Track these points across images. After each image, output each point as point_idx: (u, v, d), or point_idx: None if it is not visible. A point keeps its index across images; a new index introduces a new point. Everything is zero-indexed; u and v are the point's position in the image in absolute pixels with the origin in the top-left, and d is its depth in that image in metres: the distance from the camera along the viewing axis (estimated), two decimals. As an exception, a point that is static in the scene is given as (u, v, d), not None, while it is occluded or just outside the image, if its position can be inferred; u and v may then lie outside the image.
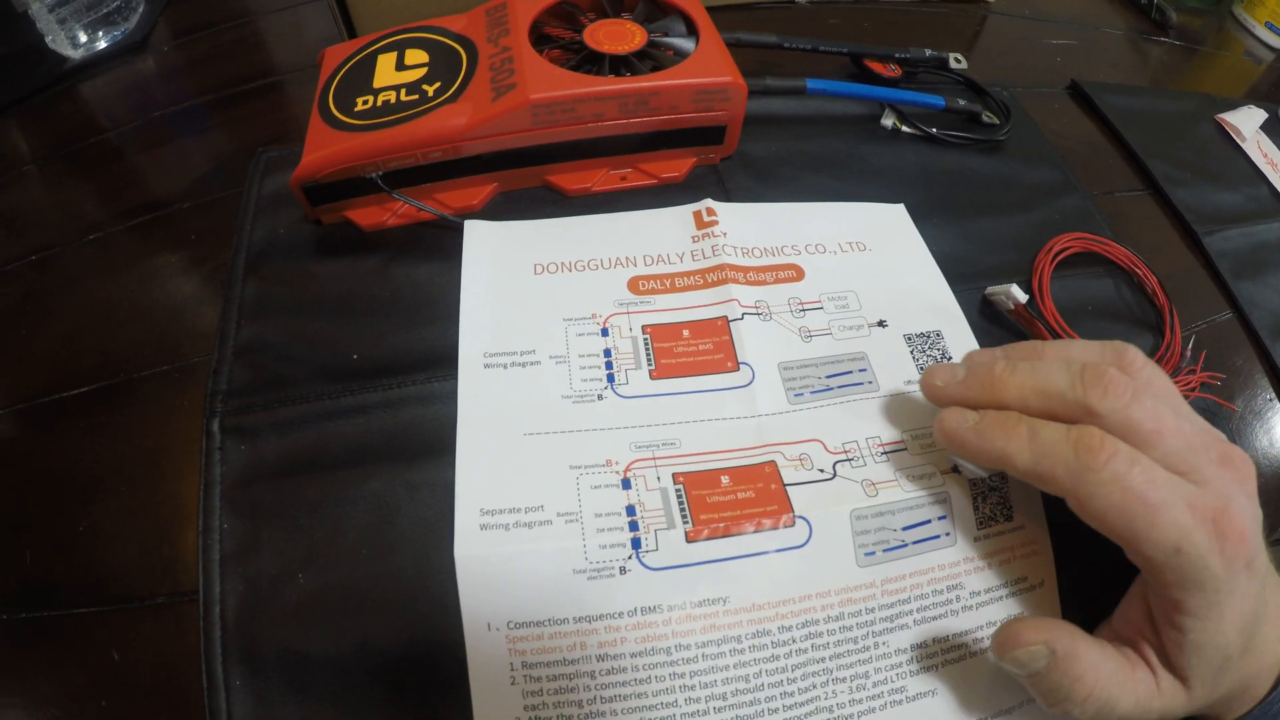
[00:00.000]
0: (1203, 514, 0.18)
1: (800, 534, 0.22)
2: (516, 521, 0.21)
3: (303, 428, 0.24)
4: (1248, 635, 0.19)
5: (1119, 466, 0.19)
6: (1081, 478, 0.19)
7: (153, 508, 0.25)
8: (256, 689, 0.21)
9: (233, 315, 0.27)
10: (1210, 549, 0.18)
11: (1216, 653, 0.19)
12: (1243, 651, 0.19)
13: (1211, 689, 0.19)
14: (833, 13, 0.43)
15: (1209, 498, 0.18)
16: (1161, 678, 0.19)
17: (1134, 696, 0.19)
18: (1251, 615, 0.19)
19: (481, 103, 0.26)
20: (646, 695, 0.20)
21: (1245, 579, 0.18)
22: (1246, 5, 0.52)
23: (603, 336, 0.26)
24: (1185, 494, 0.18)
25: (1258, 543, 0.19)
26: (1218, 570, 0.18)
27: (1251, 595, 0.19)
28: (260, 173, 0.32)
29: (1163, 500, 0.18)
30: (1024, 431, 0.20)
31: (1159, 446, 0.19)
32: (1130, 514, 0.18)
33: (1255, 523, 0.19)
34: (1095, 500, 0.19)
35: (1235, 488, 0.19)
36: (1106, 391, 0.20)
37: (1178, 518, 0.18)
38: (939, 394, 0.22)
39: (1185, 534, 0.18)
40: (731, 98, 0.28)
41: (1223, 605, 0.18)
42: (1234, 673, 0.19)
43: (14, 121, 0.40)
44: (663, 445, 0.23)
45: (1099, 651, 0.19)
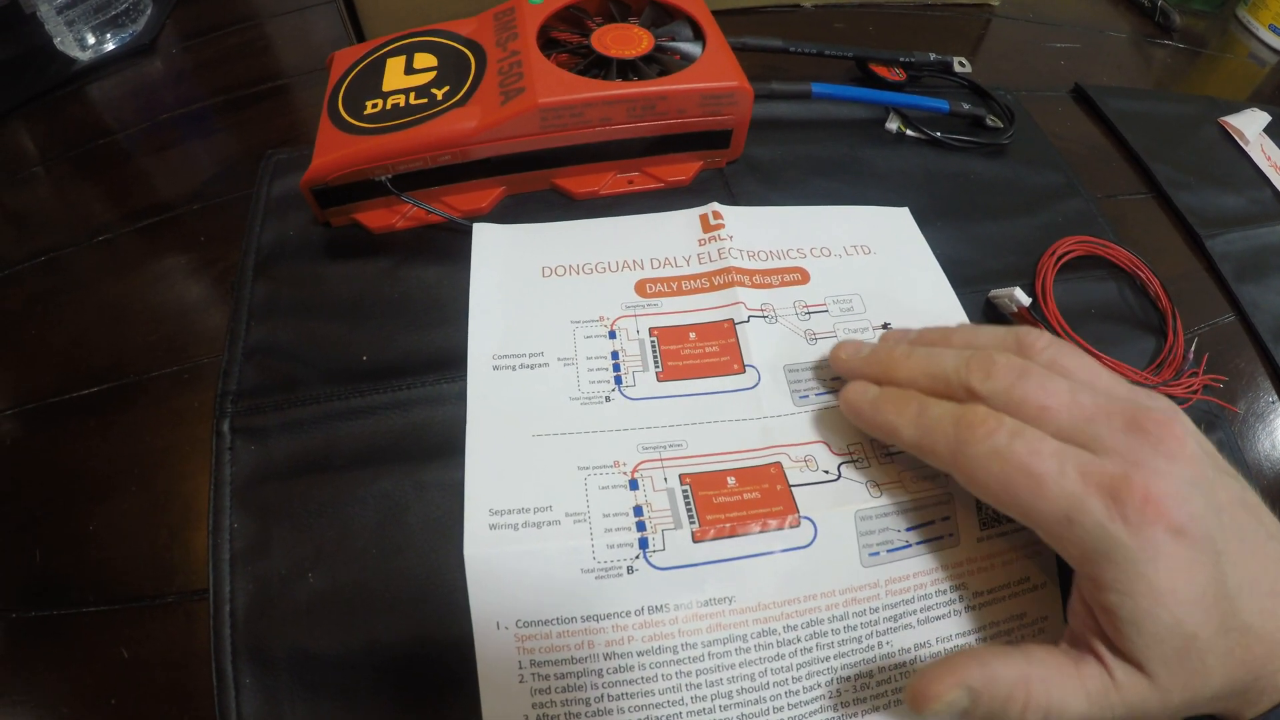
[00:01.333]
0: (1097, 481, 0.18)
1: (806, 534, 0.22)
2: (525, 521, 0.21)
3: (313, 428, 0.25)
4: (1216, 612, 0.18)
5: (999, 440, 0.19)
6: (961, 451, 0.19)
7: (162, 507, 0.25)
8: (266, 687, 0.21)
9: (243, 316, 0.28)
10: (1107, 516, 0.17)
11: (1168, 631, 0.17)
12: (1220, 630, 0.18)
13: (1188, 677, 0.18)
14: (837, 16, 0.43)
15: (1107, 465, 0.18)
16: (1115, 669, 0.18)
17: (1083, 694, 0.18)
18: (1209, 588, 0.17)
19: (490, 106, 0.27)
20: (653, 694, 0.20)
21: (1172, 546, 0.17)
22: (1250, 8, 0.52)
23: (610, 339, 0.26)
24: (1078, 462, 0.18)
25: (1188, 509, 0.17)
26: (1121, 538, 0.17)
27: (1197, 564, 0.17)
28: (269, 175, 0.32)
29: (1047, 470, 0.18)
30: (914, 407, 0.21)
31: (1051, 422, 0.19)
32: (1014, 485, 0.18)
33: (1180, 487, 0.18)
34: (977, 474, 0.19)
35: (1146, 451, 0.18)
36: (989, 374, 0.20)
37: (1066, 486, 0.18)
38: (842, 366, 0.24)
39: (1075, 502, 0.18)
40: (738, 102, 0.28)
41: (1148, 576, 0.17)
42: (1217, 656, 0.18)
43: (22, 123, 0.40)
44: (670, 446, 0.23)
45: (1026, 663, 0.19)
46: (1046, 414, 0.19)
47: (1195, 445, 0.19)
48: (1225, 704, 0.19)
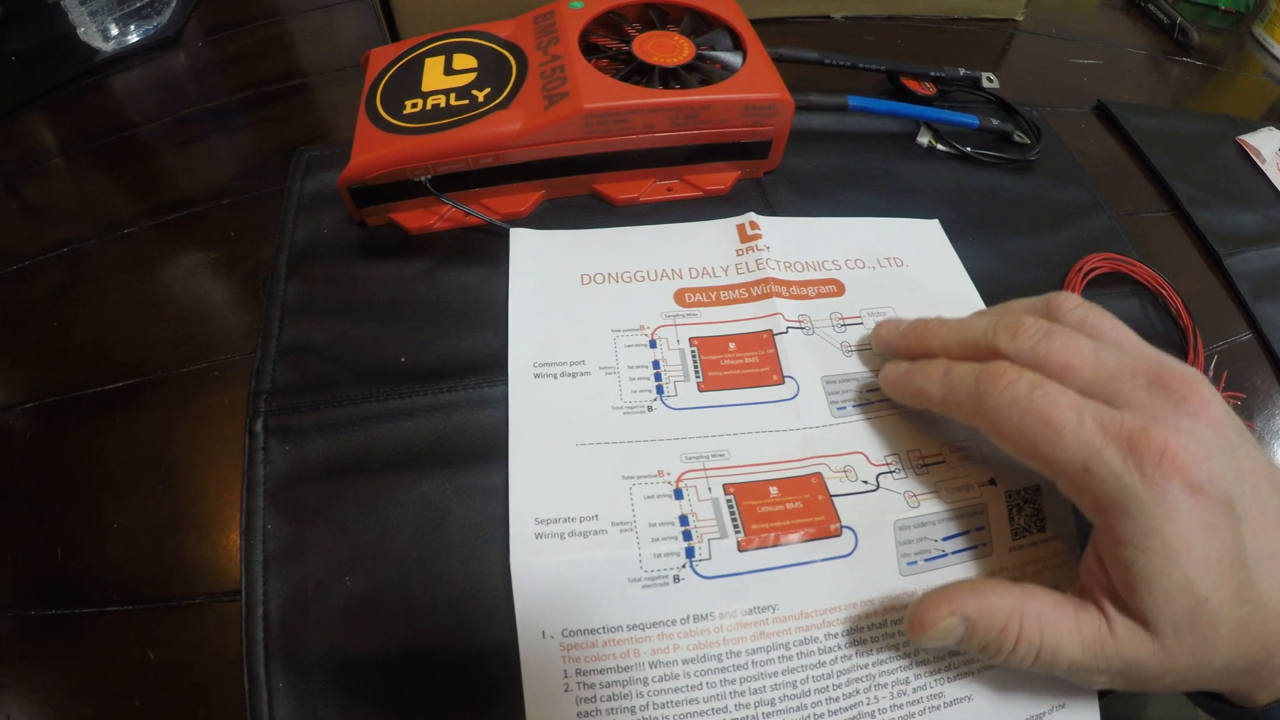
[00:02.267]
0: (1115, 432, 0.18)
1: (847, 543, 0.22)
2: (571, 530, 0.21)
3: (349, 430, 0.24)
4: (1232, 579, 0.17)
5: (1019, 390, 0.19)
6: (983, 403, 0.20)
7: (190, 506, 0.25)
8: (301, 691, 0.21)
9: (275, 314, 0.27)
10: (1124, 467, 0.17)
11: (1178, 591, 0.17)
12: (1234, 600, 0.17)
13: (1196, 643, 0.17)
14: (867, 29, 0.44)
15: (1127, 418, 0.18)
16: (1115, 620, 0.18)
17: (1078, 638, 0.18)
18: (1226, 552, 0.17)
19: (534, 110, 0.27)
20: (698, 701, 0.20)
21: (1189, 504, 0.17)
22: (1266, 25, 0.53)
23: (651, 348, 0.26)
24: (1096, 414, 0.18)
25: (1207, 468, 0.17)
26: (1137, 489, 0.17)
27: (1214, 526, 0.17)
28: (302, 172, 0.32)
29: (1065, 420, 0.18)
30: (940, 369, 0.22)
31: (1074, 379, 0.19)
32: (1032, 434, 0.19)
33: (1200, 445, 0.18)
34: (999, 424, 0.20)
35: (1168, 409, 0.18)
36: (1015, 334, 0.21)
37: (1084, 435, 0.18)
38: (882, 342, 0.26)
39: (1093, 451, 0.18)
40: (779, 113, 0.28)
41: (1163, 532, 0.17)
42: (1229, 627, 0.17)
43: (44, 114, 0.40)
44: (713, 456, 0.23)
45: (1023, 597, 0.19)
46: (1070, 371, 0.20)
47: (1219, 409, 0.19)
48: (1235, 681, 0.18)
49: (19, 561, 0.24)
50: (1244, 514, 0.17)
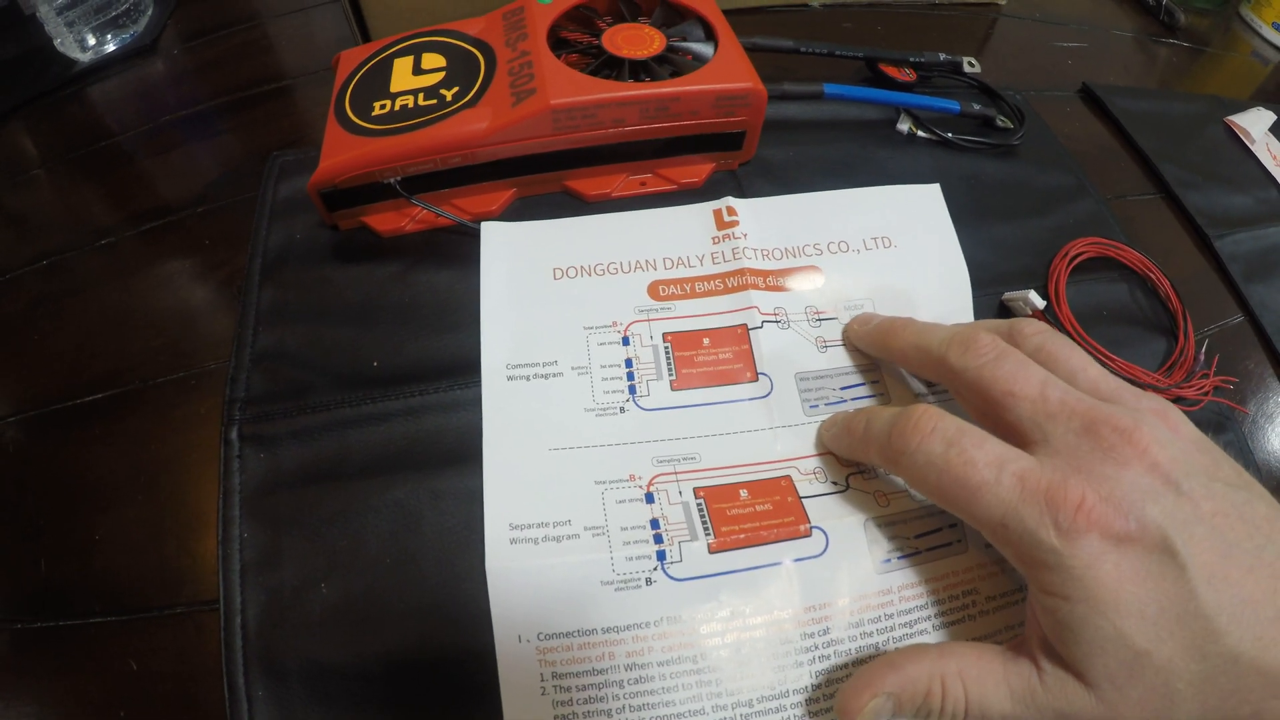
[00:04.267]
0: (1033, 488, 0.17)
1: (818, 544, 0.22)
2: (545, 536, 0.21)
3: (323, 436, 0.24)
4: (1181, 631, 0.16)
5: (934, 448, 0.19)
6: (899, 460, 0.20)
7: (169, 516, 0.25)
8: (280, 700, 0.21)
9: (250, 322, 0.27)
10: (1039, 523, 0.17)
11: (1109, 643, 0.17)
12: (1189, 653, 0.16)
13: (1144, 696, 0.17)
14: (845, 16, 0.43)
15: (1047, 471, 0.18)
16: (1046, 671, 0.18)
17: (1005, 689, 0.18)
18: (1169, 603, 0.16)
19: (501, 108, 0.26)
20: (674, 703, 0.20)
21: (1114, 555, 0.17)
22: (1253, 6, 0.52)
23: (624, 345, 0.26)
24: (1016, 469, 0.18)
25: (1135, 516, 0.17)
26: (1054, 544, 0.17)
27: (1149, 577, 0.17)
28: (274, 177, 0.32)
29: (982, 479, 0.18)
30: (860, 424, 0.22)
31: (1011, 410, 0.19)
32: (949, 493, 0.19)
33: (1128, 493, 0.17)
34: (916, 480, 0.20)
35: (1094, 457, 0.18)
36: (966, 350, 0.21)
37: (1000, 494, 0.18)
38: (852, 335, 0.26)
39: (1009, 509, 0.17)
40: (752, 103, 0.28)
41: (1084, 583, 0.17)
42: (1189, 684, 0.17)
43: (22, 125, 0.40)
44: (683, 460, 0.23)
45: (939, 659, 0.19)
46: (1010, 399, 0.19)
47: (1166, 452, 0.18)
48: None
49: (3, 574, 0.24)
50: (1192, 559, 0.17)
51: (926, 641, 0.22)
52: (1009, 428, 0.20)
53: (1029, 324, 0.21)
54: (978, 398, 0.20)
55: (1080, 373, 0.20)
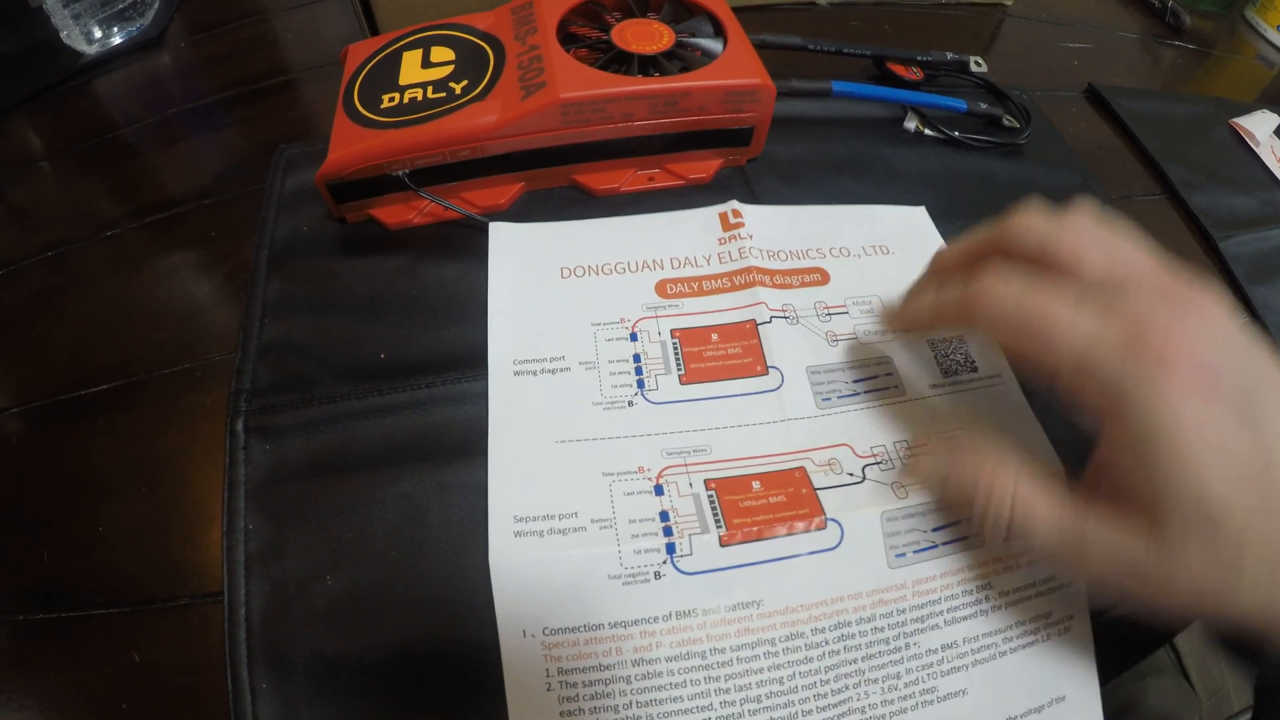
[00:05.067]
0: (1115, 328, 0.17)
1: (832, 536, 0.22)
2: (551, 528, 0.21)
3: (329, 428, 0.24)
4: (1255, 486, 0.16)
5: (1009, 289, 0.19)
6: (975, 301, 0.20)
7: (174, 508, 0.25)
8: (284, 692, 0.21)
9: (256, 314, 0.27)
10: (1122, 361, 0.16)
11: (1188, 499, 0.16)
12: (1261, 510, 0.16)
13: (1210, 555, 0.16)
14: (853, 15, 0.43)
15: (1129, 314, 0.17)
16: (1104, 517, 0.17)
17: (1055, 523, 0.18)
18: (1252, 457, 0.16)
19: (511, 101, 0.26)
20: (682, 699, 0.20)
21: (1198, 404, 0.16)
22: (1259, 9, 0.52)
23: (632, 341, 0.25)
24: (1095, 308, 0.17)
25: (1217, 365, 0.16)
26: (1138, 386, 0.16)
27: (1230, 429, 0.16)
28: (282, 170, 0.32)
29: (1060, 315, 0.18)
30: (930, 287, 0.23)
31: (1083, 272, 0.19)
32: (1027, 330, 0.18)
33: (1209, 341, 0.16)
34: (992, 320, 0.19)
35: (1175, 312, 0.17)
36: (1025, 226, 0.20)
37: (1080, 330, 0.17)
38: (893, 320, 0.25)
39: (1090, 346, 0.17)
40: (760, 99, 0.28)
41: (1171, 432, 0.16)
42: (1256, 540, 0.16)
43: (28, 117, 0.40)
44: (694, 452, 0.23)
45: (1000, 472, 0.19)
46: (1079, 264, 0.19)
47: (1230, 320, 0.17)
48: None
49: (5, 566, 0.24)
50: (1271, 423, 0.16)
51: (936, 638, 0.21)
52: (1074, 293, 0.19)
53: (1082, 206, 0.21)
54: (1045, 259, 0.20)
55: (1141, 246, 0.19)
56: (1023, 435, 0.24)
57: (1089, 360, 0.17)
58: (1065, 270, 0.19)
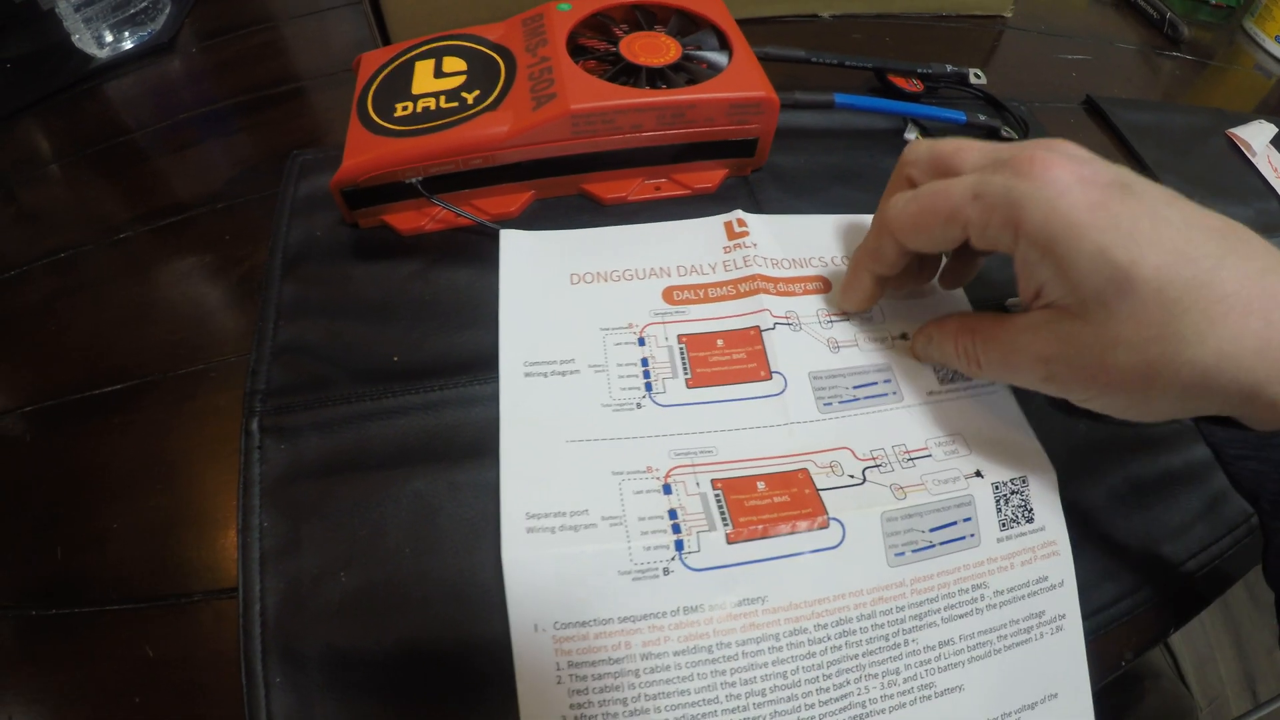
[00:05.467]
0: (995, 161, 0.20)
1: (834, 535, 0.22)
2: (562, 525, 0.22)
3: (344, 428, 0.25)
4: (1159, 236, 0.17)
5: (905, 195, 0.22)
6: (884, 219, 0.23)
7: (187, 506, 0.25)
8: (297, 686, 0.21)
9: (270, 315, 0.28)
10: (1006, 177, 0.19)
11: (1093, 262, 0.17)
12: (1176, 259, 0.17)
13: (1133, 312, 0.17)
14: (855, 27, 0.44)
15: (1006, 159, 0.20)
16: (1040, 322, 0.20)
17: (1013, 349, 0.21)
18: (1141, 215, 0.17)
19: (522, 112, 0.27)
20: (689, 693, 0.20)
21: (1079, 186, 0.18)
22: (1257, 19, 0.53)
23: (640, 346, 0.26)
24: (974, 169, 0.21)
25: (1085, 162, 0.19)
26: (1024, 186, 0.18)
27: (1113, 199, 0.18)
28: (295, 175, 0.32)
29: (949, 184, 0.21)
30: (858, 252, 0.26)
31: (965, 158, 0.22)
32: (928, 207, 0.21)
33: (1077, 152, 0.19)
34: (902, 224, 0.22)
35: (1038, 144, 0.20)
36: (915, 148, 0.24)
37: (966, 180, 0.20)
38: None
39: (977, 183, 0.20)
40: (765, 111, 0.29)
41: (1060, 210, 0.18)
42: (1180, 287, 0.16)
43: (39, 120, 0.40)
44: (700, 453, 0.24)
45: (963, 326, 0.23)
46: (961, 153, 0.22)
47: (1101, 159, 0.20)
48: (1243, 377, 0.17)
49: (19, 563, 0.24)
50: (1147, 192, 0.18)
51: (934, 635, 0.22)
52: None
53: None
54: (941, 165, 0.23)
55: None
56: (1015, 440, 0.25)
57: (980, 189, 0.20)
58: (954, 167, 0.22)
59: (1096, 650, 0.23)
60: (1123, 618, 0.25)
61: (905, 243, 0.23)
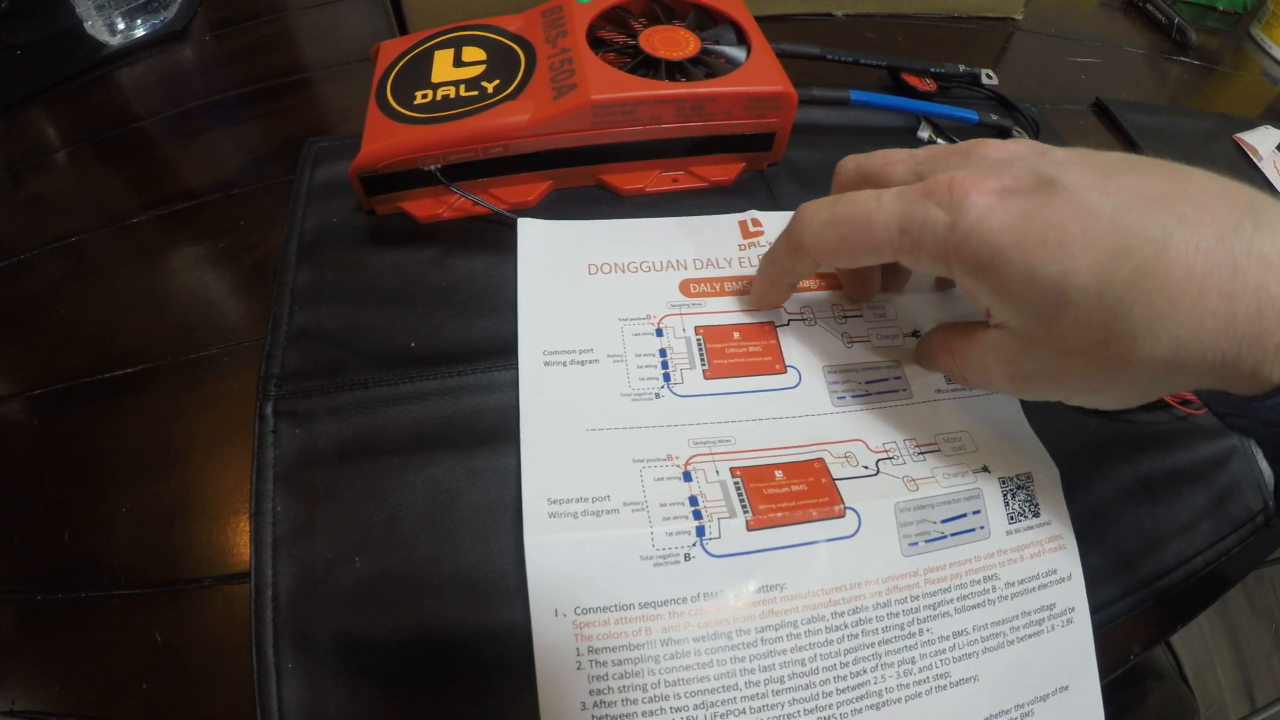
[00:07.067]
0: (913, 192, 0.19)
1: (850, 524, 0.22)
2: (584, 510, 0.22)
3: (359, 413, 0.25)
4: (1090, 246, 0.16)
5: (822, 212, 0.21)
6: (800, 243, 0.22)
7: (199, 490, 0.25)
8: (310, 672, 0.21)
9: (285, 300, 0.28)
10: (927, 209, 0.19)
11: (1025, 282, 0.17)
12: (1107, 261, 0.16)
13: (1075, 322, 0.16)
14: (868, 26, 0.44)
15: (923, 181, 0.19)
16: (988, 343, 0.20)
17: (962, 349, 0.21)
18: (1069, 227, 0.16)
19: (543, 101, 0.27)
20: (709, 679, 0.20)
21: (999, 204, 0.17)
22: (1264, 26, 0.53)
23: (658, 337, 0.26)
24: (895, 190, 0.20)
25: (1002, 171, 0.18)
26: (945, 216, 0.18)
27: (1038, 208, 0.17)
28: (311, 162, 0.32)
29: (869, 209, 0.20)
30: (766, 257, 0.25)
31: (894, 172, 0.22)
32: (851, 236, 0.21)
33: (992, 165, 0.19)
34: (824, 250, 0.22)
35: (959, 162, 0.20)
36: (844, 162, 0.24)
37: (888, 209, 0.19)
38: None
39: (901, 215, 0.19)
40: (782, 106, 0.29)
41: (985, 236, 0.17)
42: (1125, 290, 0.16)
43: (50, 106, 0.40)
44: (719, 442, 0.24)
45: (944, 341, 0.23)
46: (889, 167, 0.22)
47: (1016, 146, 0.20)
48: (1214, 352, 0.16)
49: (25, 547, 0.24)
50: (1074, 181, 0.17)
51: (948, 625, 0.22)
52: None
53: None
54: (869, 183, 0.22)
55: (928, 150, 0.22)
56: (1018, 438, 0.25)
57: (906, 224, 0.19)
58: (882, 181, 0.22)
59: (1104, 644, 0.23)
60: (1130, 612, 0.25)
61: (825, 265, 0.23)
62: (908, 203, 0.19)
